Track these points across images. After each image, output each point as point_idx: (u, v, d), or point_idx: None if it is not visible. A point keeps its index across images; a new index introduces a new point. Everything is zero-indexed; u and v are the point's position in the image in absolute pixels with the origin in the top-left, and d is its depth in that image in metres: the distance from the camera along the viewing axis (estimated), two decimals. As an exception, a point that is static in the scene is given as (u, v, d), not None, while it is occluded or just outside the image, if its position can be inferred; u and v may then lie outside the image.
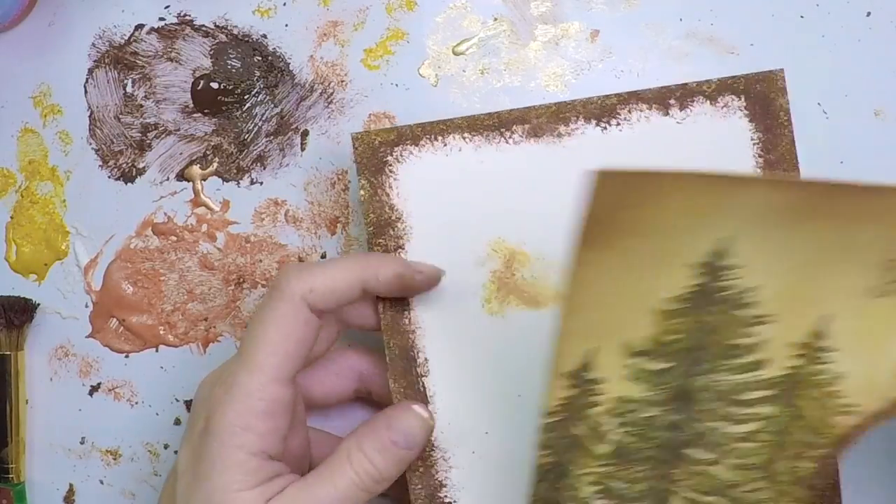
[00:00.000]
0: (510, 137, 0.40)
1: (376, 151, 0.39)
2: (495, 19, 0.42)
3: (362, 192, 0.39)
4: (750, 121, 0.40)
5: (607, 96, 0.40)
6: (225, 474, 0.33)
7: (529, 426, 0.39)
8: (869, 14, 0.41)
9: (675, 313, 0.38)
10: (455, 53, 0.43)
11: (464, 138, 0.40)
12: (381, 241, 0.39)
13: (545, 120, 0.40)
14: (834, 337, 0.38)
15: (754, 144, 0.40)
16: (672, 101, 0.40)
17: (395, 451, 0.36)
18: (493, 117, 0.39)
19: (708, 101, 0.40)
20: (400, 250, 0.39)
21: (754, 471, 0.38)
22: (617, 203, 0.36)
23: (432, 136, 0.39)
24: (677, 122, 0.40)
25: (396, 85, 0.43)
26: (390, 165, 0.39)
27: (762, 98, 0.40)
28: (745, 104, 0.40)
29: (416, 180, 0.40)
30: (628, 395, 0.38)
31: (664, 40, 0.42)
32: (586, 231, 0.36)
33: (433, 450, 0.39)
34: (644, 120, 0.40)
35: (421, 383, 0.39)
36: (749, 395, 0.38)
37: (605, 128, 0.40)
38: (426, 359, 0.39)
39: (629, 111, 0.40)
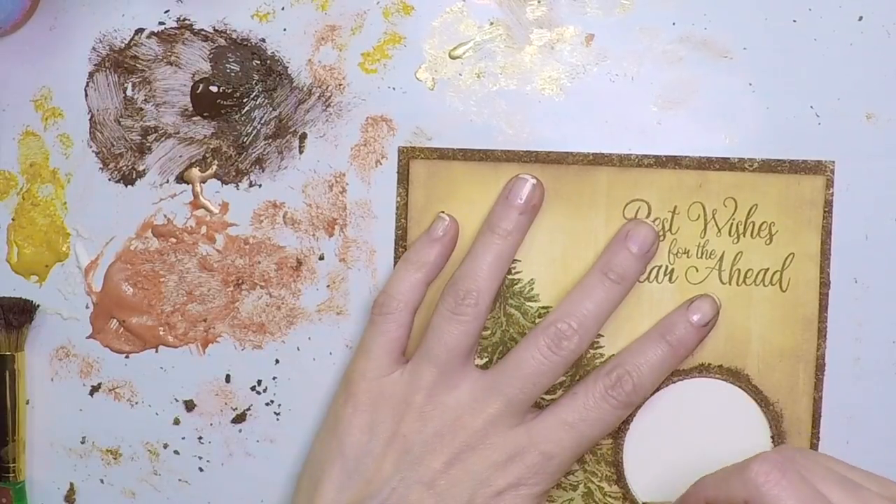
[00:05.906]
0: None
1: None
2: (491, 23, 0.43)
3: (398, 199, 0.43)
4: None
5: (645, 156, 0.41)
6: None
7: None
8: (861, 18, 0.41)
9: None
10: (451, 57, 0.43)
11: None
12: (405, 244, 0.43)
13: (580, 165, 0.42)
14: None
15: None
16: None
17: None
18: (532, 155, 0.42)
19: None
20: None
21: None
22: (430, 196, 0.42)
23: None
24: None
25: (394, 88, 0.43)
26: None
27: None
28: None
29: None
30: None
31: (658, 44, 0.42)
32: (411, 228, 0.42)
33: None
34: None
35: None
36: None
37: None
38: None
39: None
